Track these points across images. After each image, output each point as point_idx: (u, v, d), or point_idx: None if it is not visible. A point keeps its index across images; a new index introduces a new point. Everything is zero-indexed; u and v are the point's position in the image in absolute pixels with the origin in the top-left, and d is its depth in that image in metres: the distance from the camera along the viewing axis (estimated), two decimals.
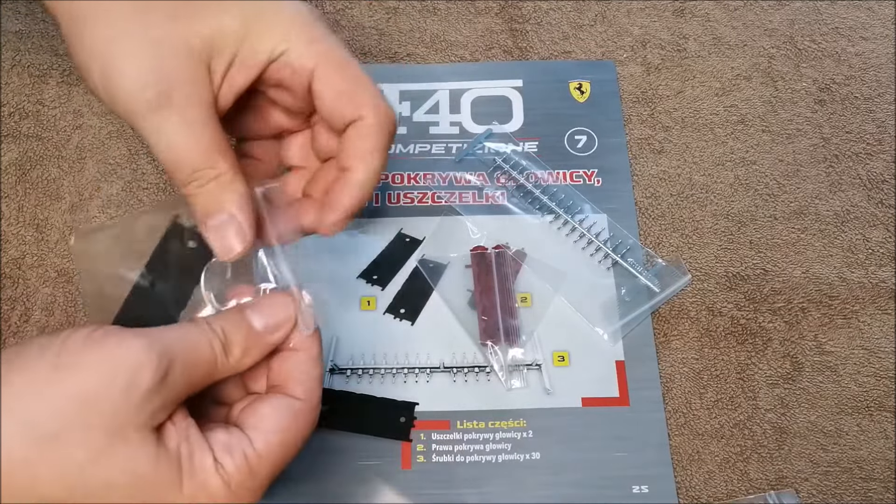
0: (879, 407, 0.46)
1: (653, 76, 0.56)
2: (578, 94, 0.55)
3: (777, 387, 0.46)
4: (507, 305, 0.47)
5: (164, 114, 0.32)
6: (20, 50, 0.56)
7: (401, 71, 0.56)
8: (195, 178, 0.33)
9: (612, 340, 0.47)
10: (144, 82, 0.31)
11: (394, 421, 0.44)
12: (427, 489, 0.43)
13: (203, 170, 0.33)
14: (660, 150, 0.54)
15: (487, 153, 0.53)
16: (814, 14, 0.59)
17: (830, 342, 0.48)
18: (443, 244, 0.50)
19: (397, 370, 0.46)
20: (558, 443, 0.44)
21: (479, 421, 0.45)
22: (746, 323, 0.48)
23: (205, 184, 0.33)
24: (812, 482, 0.44)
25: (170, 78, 0.32)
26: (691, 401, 0.46)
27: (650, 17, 0.59)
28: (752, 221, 0.51)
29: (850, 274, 0.50)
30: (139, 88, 0.31)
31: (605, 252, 0.49)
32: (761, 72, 0.56)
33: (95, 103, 0.54)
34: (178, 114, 0.32)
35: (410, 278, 0.49)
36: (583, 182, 0.52)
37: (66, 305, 0.48)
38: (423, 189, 0.52)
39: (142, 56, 0.31)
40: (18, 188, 0.51)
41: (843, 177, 0.53)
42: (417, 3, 0.59)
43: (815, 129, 0.54)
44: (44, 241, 0.50)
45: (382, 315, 0.48)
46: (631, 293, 0.48)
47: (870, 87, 0.56)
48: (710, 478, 0.44)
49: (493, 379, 0.46)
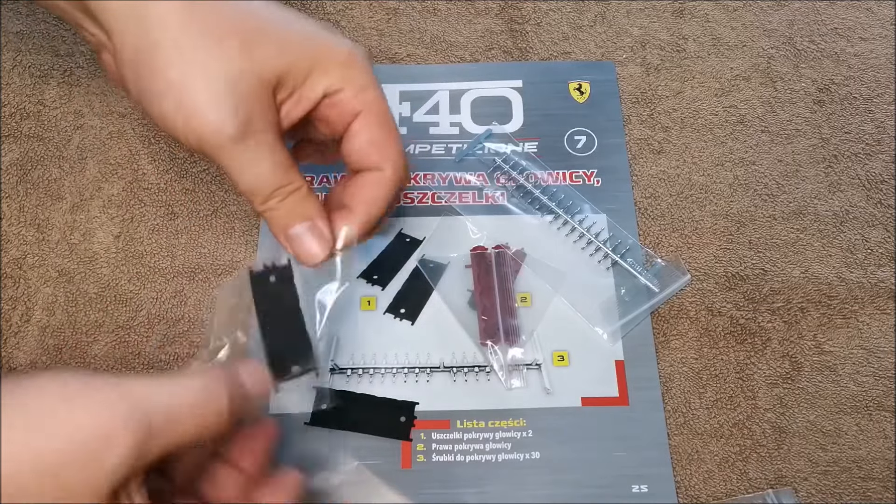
0: (878, 406, 0.46)
1: (652, 77, 0.56)
2: (578, 95, 0.55)
3: (776, 386, 0.47)
4: (507, 305, 0.48)
5: (247, 143, 0.33)
6: (21, 50, 0.56)
7: (401, 71, 0.56)
8: (276, 195, 0.35)
9: (612, 340, 0.47)
10: (227, 116, 0.33)
11: (394, 421, 0.45)
12: (427, 489, 0.43)
13: (283, 186, 0.35)
14: (659, 151, 0.54)
15: (487, 153, 0.53)
16: (813, 15, 0.59)
17: (829, 342, 0.48)
18: (443, 244, 0.50)
19: (397, 370, 0.46)
20: (558, 442, 0.44)
21: (479, 420, 0.45)
22: (746, 323, 0.48)
23: (285, 197, 0.35)
24: (811, 481, 0.44)
25: (250, 110, 0.33)
26: (690, 400, 0.46)
27: (650, 18, 0.59)
28: (752, 221, 0.51)
29: (849, 274, 0.50)
30: (222, 122, 0.33)
31: (604, 252, 0.49)
32: (760, 72, 0.57)
33: (96, 103, 0.54)
34: (259, 142, 0.34)
35: (410, 278, 0.49)
36: (582, 182, 0.52)
37: (66, 305, 0.48)
38: (423, 189, 0.52)
39: (222, 90, 0.32)
40: (19, 188, 0.51)
41: (842, 177, 0.53)
42: (417, 4, 0.59)
43: (814, 129, 0.55)
44: (45, 241, 0.50)
45: (382, 315, 0.48)
46: (630, 293, 0.48)
47: (869, 87, 0.56)
48: (709, 477, 0.44)
49: (493, 379, 0.46)
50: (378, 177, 0.38)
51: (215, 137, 0.33)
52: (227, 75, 0.33)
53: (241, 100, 0.33)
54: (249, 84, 0.33)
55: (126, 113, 0.54)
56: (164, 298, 0.48)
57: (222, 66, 0.32)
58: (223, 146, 0.33)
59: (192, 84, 0.32)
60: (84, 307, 0.48)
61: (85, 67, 0.55)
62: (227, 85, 0.33)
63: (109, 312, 0.48)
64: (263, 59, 0.33)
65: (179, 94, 0.32)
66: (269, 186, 0.35)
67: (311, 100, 0.36)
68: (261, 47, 0.33)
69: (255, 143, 0.34)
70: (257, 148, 0.34)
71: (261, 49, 0.33)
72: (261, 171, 0.34)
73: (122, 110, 0.54)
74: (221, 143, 0.33)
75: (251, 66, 0.33)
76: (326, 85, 0.35)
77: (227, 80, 0.33)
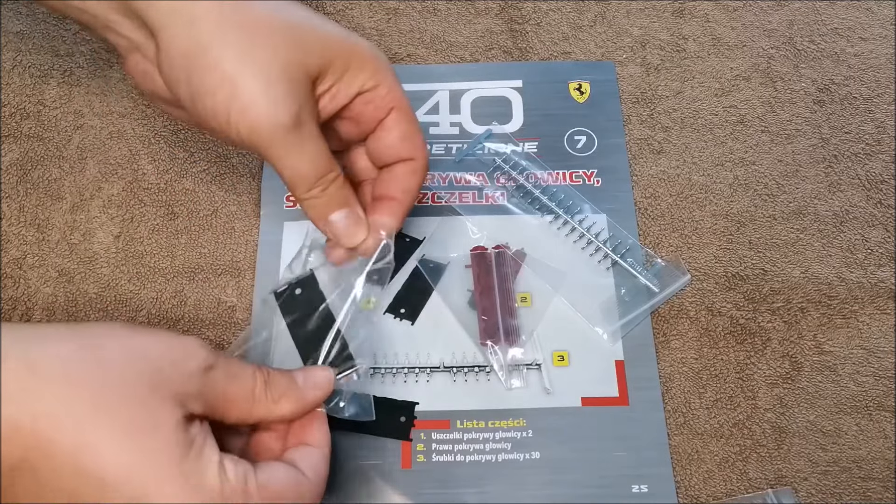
0: (878, 407, 0.46)
1: (652, 77, 0.56)
2: (578, 95, 0.55)
3: (776, 386, 0.47)
4: (507, 305, 0.48)
5: (299, 133, 0.35)
6: (21, 50, 0.56)
7: (401, 71, 0.56)
8: (320, 184, 0.37)
9: (612, 340, 0.47)
10: (281, 106, 0.34)
11: (394, 420, 0.45)
12: (427, 489, 0.43)
13: (326, 175, 0.37)
14: (659, 151, 0.54)
15: (487, 153, 0.53)
16: (813, 15, 0.59)
17: (829, 342, 0.48)
18: (443, 244, 0.50)
19: (397, 370, 0.46)
20: (558, 442, 0.44)
21: (479, 420, 0.45)
22: (746, 323, 0.48)
23: (328, 186, 0.37)
24: (811, 482, 0.44)
25: (300, 100, 0.35)
26: (690, 400, 0.46)
27: (650, 18, 0.59)
28: (752, 221, 0.51)
29: (849, 274, 0.50)
30: (277, 111, 0.34)
31: (604, 252, 0.49)
32: (760, 72, 0.57)
33: (96, 103, 0.54)
34: (307, 132, 0.35)
35: (410, 278, 0.49)
36: (582, 182, 0.52)
37: (66, 305, 0.48)
38: (423, 189, 0.51)
39: (274, 80, 0.34)
40: (19, 188, 0.51)
41: (842, 177, 0.53)
42: (417, 4, 0.59)
43: (814, 129, 0.55)
44: (45, 242, 0.50)
45: (382, 315, 0.48)
46: (630, 293, 0.48)
47: (869, 87, 0.56)
48: (709, 477, 0.44)
49: (493, 379, 0.46)
50: (413, 166, 0.40)
51: (269, 127, 0.34)
52: (279, 66, 0.34)
53: (292, 90, 0.34)
54: (298, 75, 0.35)
55: (126, 113, 0.54)
56: (164, 298, 0.48)
57: (272, 58, 0.34)
58: (275, 136, 0.34)
59: (246, 76, 0.34)
60: (84, 307, 0.48)
61: (85, 67, 0.55)
62: (279, 75, 0.34)
63: (109, 313, 0.48)
64: (308, 52, 0.35)
65: (233, 86, 0.33)
66: (315, 175, 0.36)
67: (347, 95, 0.37)
68: (305, 42, 0.35)
69: (305, 133, 0.35)
70: (306, 138, 0.35)
71: (305, 43, 0.35)
72: (308, 160, 0.36)
73: (122, 110, 0.54)
74: (274, 132, 0.34)
75: (298, 58, 0.35)
76: (362, 81, 0.37)
77: (279, 71, 0.34)
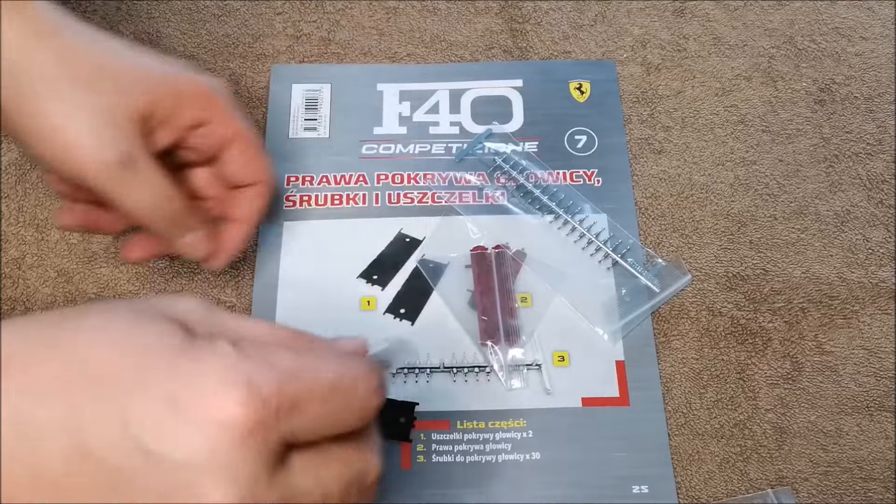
0: (879, 407, 0.46)
1: (653, 76, 0.56)
2: (578, 94, 0.55)
3: (777, 387, 0.46)
4: (507, 305, 0.47)
5: (134, 168, 0.38)
6: None
7: (401, 71, 0.56)
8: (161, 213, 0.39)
9: (612, 340, 0.47)
10: (108, 147, 0.37)
11: (394, 421, 0.44)
12: (427, 489, 0.43)
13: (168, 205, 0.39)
14: (660, 151, 0.54)
15: (487, 153, 0.53)
16: (814, 14, 0.59)
17: (830, 342, 0.48)
18: (443, 244, 0.50)
19: (397, 370, 0.46)
20: (558, 443, 0.44)
21: (479, 421, 0.45)
22: (746, 323, 0.48)
23: (170, 214, 0.40)
24: (812, 482, 0.44)
25: (127, 138, 0.37)
26: (691, 401, 0.46)
27: (650, 17, 0.59)
28: (752, 221, 0.51)
29: (850, 274, 0.50)
30: (103, 153, 0.37)
31: (605, 252, 0.49)
32: (761, 72, 0.56)
33: None
34: (143, 166, 0.38)
35: (410, 278, 0.49)
36: (583, 182, 0.52)
37: (66, 305, 0.48)
38: (423, 189, 0.52)
39: (99, 124, 0.37)
40: (18, 188, 0.51)
41: (843, 177, 0.53)
42: (417, 3, 0.59)
43: (814, 129, 0.54)
44: (44, 242, 0.50)
45: (382, 315, 0.48)
46: (631, 293, 0.48)
47: (870, 87, 0.56)
48: (709, 478, 0.44)
49: (493, 379, 0.46)
50: (258, 189, 0.44)
51: (98, 166, 0.37)
52: (103, 109, 0.37)
53: (118, 130, 0.37)
54: (123, 116, 0.37)
55: None
56: None
57: (98, 103, 0.37)
58: (109, 175, 0.37)
59: (73, 121, 0.36)
60: None
61: None
62: (103, 117, 0.37)
63: None
64: (133, 94, 0.38)
65: (64, 132, 0.36)
66: (154, 206, 0.39)
67: (178, 129, 0.40)
68: (129, 85, 0.38)
69: (140, 168, 0.38)
70: (142, 172, 0.38)
71: (130, 86, 0.38)
72: (150, 193, 0.38)
73: None
74: (106, 171, 0.37)
75: (123, 101, 0.37)
76: (192, 117, 0.40)
77: (103, 113, 0.37)
